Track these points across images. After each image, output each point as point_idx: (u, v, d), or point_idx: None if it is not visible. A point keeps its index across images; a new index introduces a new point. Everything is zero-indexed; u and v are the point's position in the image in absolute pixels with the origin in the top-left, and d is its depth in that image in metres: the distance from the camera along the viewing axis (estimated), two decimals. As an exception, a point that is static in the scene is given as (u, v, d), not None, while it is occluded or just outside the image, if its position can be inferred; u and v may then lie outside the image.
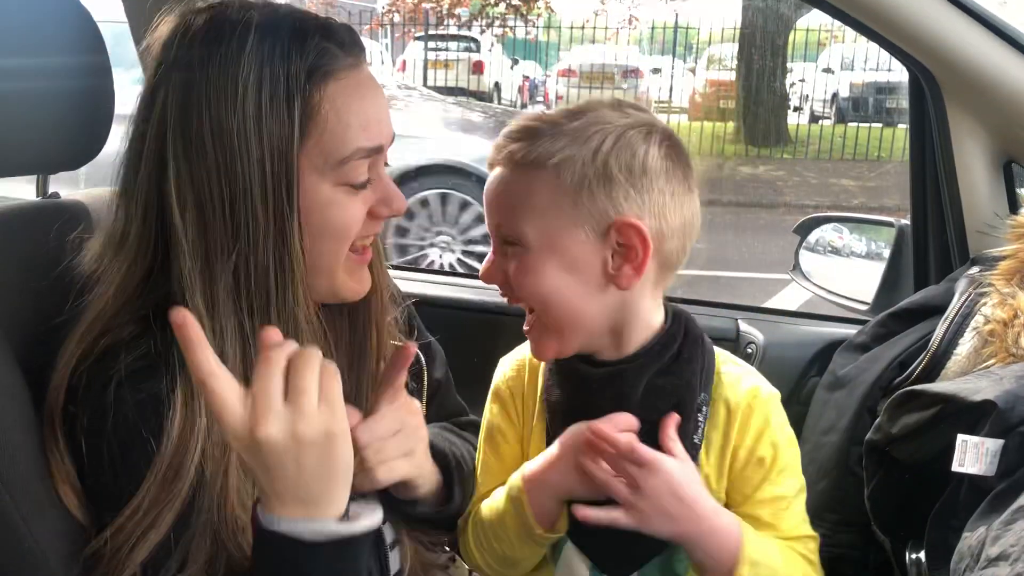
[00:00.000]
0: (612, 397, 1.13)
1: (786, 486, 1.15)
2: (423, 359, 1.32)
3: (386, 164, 1.10)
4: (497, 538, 1.18)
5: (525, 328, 1.15)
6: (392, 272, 1.33)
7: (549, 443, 1.16)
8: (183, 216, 0.96)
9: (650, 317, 1.14)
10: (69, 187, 1.35)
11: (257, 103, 0.95)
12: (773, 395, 1.16)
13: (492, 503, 1.20)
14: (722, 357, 1.19)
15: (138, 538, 0.92)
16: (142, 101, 1.01)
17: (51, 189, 1.35)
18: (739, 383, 1.16)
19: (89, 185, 1.35)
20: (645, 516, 1.06)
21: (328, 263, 1.05)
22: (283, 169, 0.97)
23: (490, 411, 1.26)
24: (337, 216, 1.02)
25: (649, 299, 1.13)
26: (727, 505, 1.14)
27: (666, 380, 1.13)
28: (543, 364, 1.21)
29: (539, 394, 1.21)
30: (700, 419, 1.13)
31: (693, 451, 1.12)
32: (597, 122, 1.07)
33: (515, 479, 1.16)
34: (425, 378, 1.31)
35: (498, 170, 1.10)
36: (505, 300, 1.15)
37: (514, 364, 1.26)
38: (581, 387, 1.16)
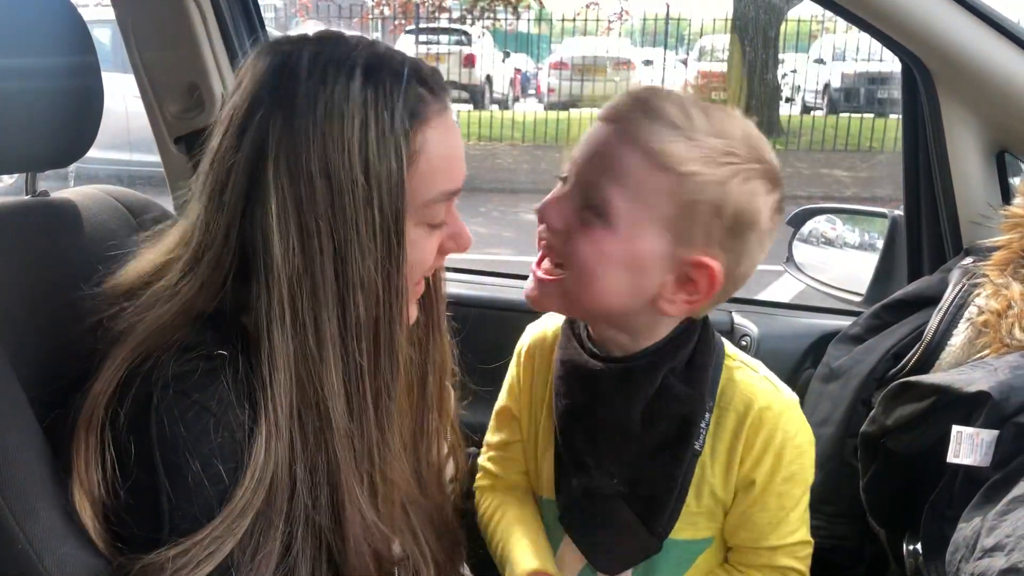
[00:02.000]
0: (622, 397, 1.11)
1: (788, 496, 1.14)
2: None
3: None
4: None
5: (540, 274, 1.11)
6: None
7: (557, 442, 1.18)
8: (285, 248, 0.96)
9: (670, 322, 1.13)
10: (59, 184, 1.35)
11: (363, 143, 0.95)
12: (788, 405, 1.15)
13: (497, 545, 1.24)
14: (737, 359, 1.18)
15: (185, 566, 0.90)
16: (237, 125, 0.98)
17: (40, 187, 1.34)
18: (755, 393, 1.14)
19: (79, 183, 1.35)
20: None
21: (406, 294, 1.06)
22: (393, 208, 0.97)
23: (509, 376, 1.31)
24: (415, 254, 1.03)
25: (676, 315, 1.12)
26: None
27: (680, 387, 1.11)
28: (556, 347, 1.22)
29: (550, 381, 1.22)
30: (703, 425, 1.12)
31: (693, 457, 1.12)
32: (734, 153, 1.04)
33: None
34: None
35: (626, 131, 1.04)
36: (539, 253, 1.12)
37: (535, 340, 1.28)
38: (588, 384, 1.14)
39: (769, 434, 1.12)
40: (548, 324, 1.28)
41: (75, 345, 1.03)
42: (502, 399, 1.30)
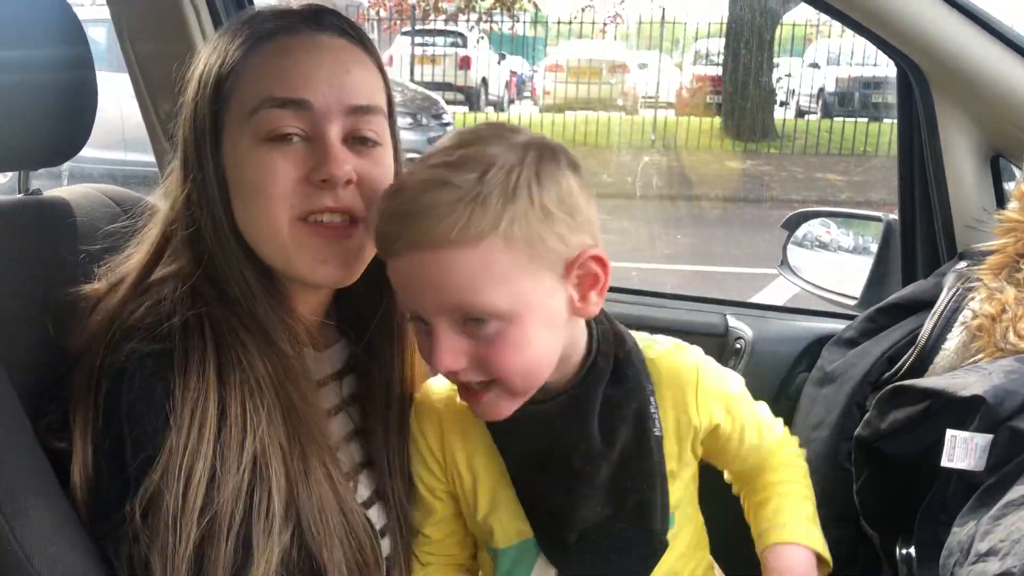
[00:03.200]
0: (576, 424, 1.08)
1: (749, 412, 1.20)
2: None
3: (369, 141, 1.07)
4: None
5: (472, 398, 1.05)
6: None
7: (517, 489, 1.13)
8: (180, 187, 1.08)
9: (581, 333, 1.11)
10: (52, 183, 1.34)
11: (205, 65, 1.07)
12: (694, 353, 1.18)
13: None
14: (642, 339, 1.17)
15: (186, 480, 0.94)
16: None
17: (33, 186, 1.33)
18: (675, 361, 1.15)
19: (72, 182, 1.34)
20: None
21: (265, 225, 1.04)
22: (203, 124, 1.05)
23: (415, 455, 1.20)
24: (253, 170, 1.03)
25: (594, 313, 1.07)
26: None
27: (622, 386, 1.10)
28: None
29: (483, 433, 1.14)
30: (653, 411, 1.11)
31: (657, 444, 1.11)
32: (505, 165, 0.97)
33: None
34: None
35: (425, 253, 0.96)
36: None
37: (428, 406, 1.19)
38: (540, 428, 1.09)
39: (706, 387, 1.14)
40: (434, 388, 1.20)
41: (67, 342, 1.03)
42: (417, 482, 1.19)
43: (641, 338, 1.17)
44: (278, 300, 1.07)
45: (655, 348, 1.16)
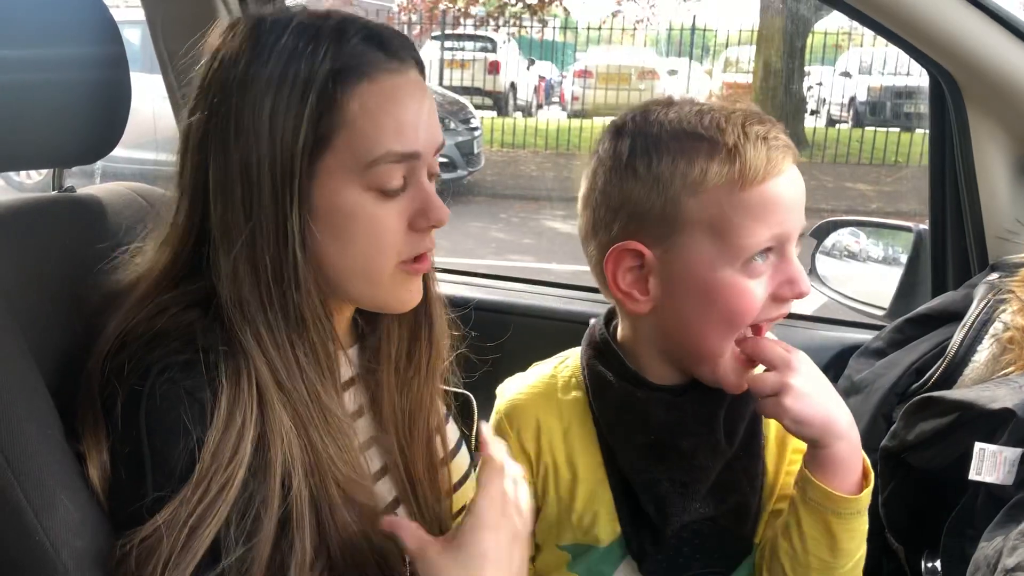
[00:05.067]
0: (705, 417, 1.08)
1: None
2: (474, 400, 1.31)
3: (436, 176, 1.08)
4: None
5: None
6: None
7: (626, 482, 1.11)
8: (214, 212, 0.99)
9: None
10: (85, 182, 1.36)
11: (272, 100, 0.96)
12: None
13: None
14: None
15: (170, 556, 0.90)
16: (193, 102, 1.03)
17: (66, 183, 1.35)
18: None
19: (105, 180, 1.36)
20: (805, 400, 0.99)
21: (363, 271, 1.03)
22: (289, 167, 0.97)
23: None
24: (364, 222, 1.01)
25: None
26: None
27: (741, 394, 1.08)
28: (580, 395, 1.15)
29: (583, 428, 1.14)
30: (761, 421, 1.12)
31: (760, 451, 1.11)
32: None
33: None
34: (475, 421, 1.31)
35: (794, 168, 1.04)
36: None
37: (526, 403, 1.18)
38: (672, 412, 1.08)
39: None
40: (524, 386, 1.20)
41: (96, 340, 1.04)
42: None
43: None
44: (332, 322, 1.07)
45: None
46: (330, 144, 0.98)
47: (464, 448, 1.32)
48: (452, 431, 1.29)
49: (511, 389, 1.21)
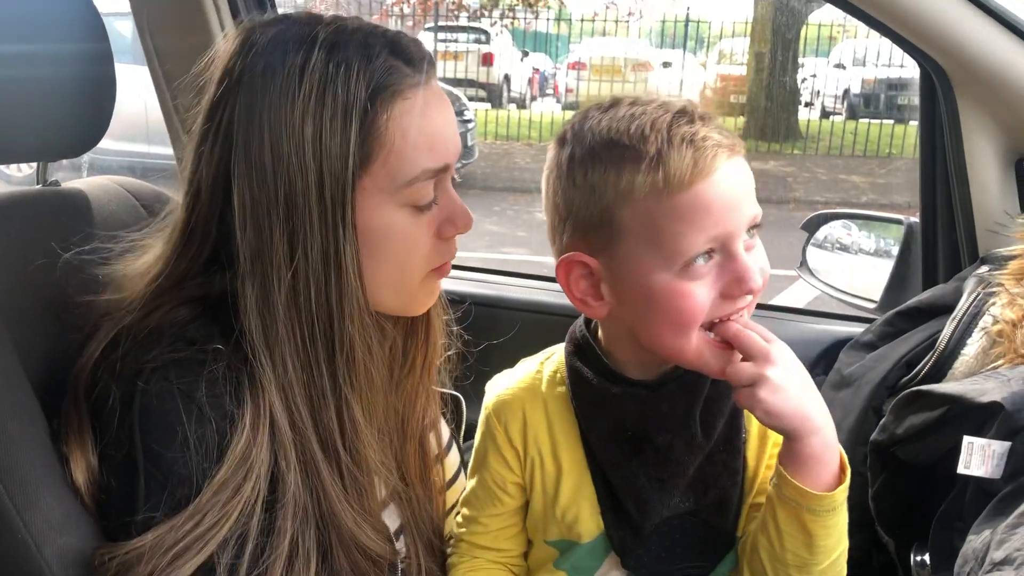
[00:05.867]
0: (683, 411, 1.08)
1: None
2: (463, 398, 1.31)
3: (454, 179, 1.08)
4: None
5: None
6: None
7: (604, 476, 1.11)
8: (243, 235, 0.96)
9: None
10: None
11: (316, 124, 0.94)
12: None
13: None
14: None
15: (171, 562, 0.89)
16: (207, 110, 0.99)
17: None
18: None
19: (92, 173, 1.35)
20: (781, 394, 0.97)
21: (396, 283, 1.04)
22: (339, 193, 0.95)
23: (489, 447, 1.18)
24: (399, 237, 1.01)
25: None
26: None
27: (719, 384, 1.08)
28: (564, 391, 1.15)
29: (567, 423, 1.14)
30: (742, 417, 1.12)
31: (742, 445, 1.11)
32: None
33: None
34: (464, 420, 1.30)
35: (738, 158, 1.00)
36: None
37: (510, 399, 1.18)
38: (645, 411, 1.09)
39: None
40: (511, 381, 1.20)
41: (82, 335, 1.04)
42: (486, 474, 1.19)
43: None
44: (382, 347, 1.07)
45: None
46: (368, 166, 0.97)
47: (455, 447, 1.32)
48: (444, 430, 1.29)
49: (499, 385, 1.21)
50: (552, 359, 1.20)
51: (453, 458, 1.30)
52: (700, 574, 1.13)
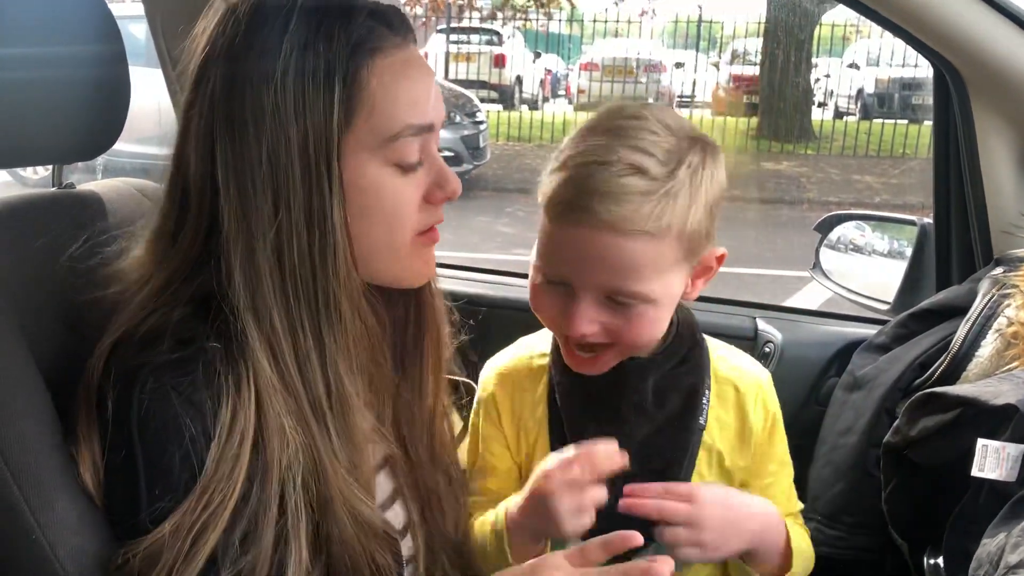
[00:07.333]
0: (636, 378, 1.15)
1: (788, 466, 1.24)
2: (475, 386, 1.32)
3: (439, 149, 1.09)
4: (483, 558, 1.18)
5: (587, 361, 1.13)
6: None
7: (555, 445, 1.17)
8: (227, 199, 0.97)
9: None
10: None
11: (299, 83, 0.95)
12: (770, 381, 1.24)
13: (480, 525, 1.20)
14: (712, 343, 1.24)
15: (174, 564, 0.89)
16: (190, 90, 1.01)
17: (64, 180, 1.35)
18: (742, 366, 1.23)
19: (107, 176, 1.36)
20: (714, 545, 1.07)
21: (386, 246, 1.04)
22: (323, 148, 0.96)
23: (484, 428, 1.26)
24: (387, 198, 1.01)
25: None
26: (743, 482, 1.20)
27: (680, 368, 1.17)
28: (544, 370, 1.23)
29: (540, 399, 1.22)
30: (704, 402, 1.17)
31: (698, 433, 1.17)
32: (692, 163, 1.05)
33: (501, 511, 1.16)
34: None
35: (608, 236, 1.03)
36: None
37: (503, 372, 1.27)
38: (608, 377, 1.15)
39: (769, 407, 1.21)
40: (502, 359, 1.29)
41: (95, 337, 1.04)
42: (486, 456, 1.26)
43: (717, 345, 1.25)
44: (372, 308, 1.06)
45: (725, 350, 1.25)
46: (352, 123, 0.98)
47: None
48: (456, 420, 1.30)
49: (494, 364, 1.29)
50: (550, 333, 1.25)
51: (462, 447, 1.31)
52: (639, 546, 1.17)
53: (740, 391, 1.20)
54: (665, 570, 0.92)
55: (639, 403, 1.15)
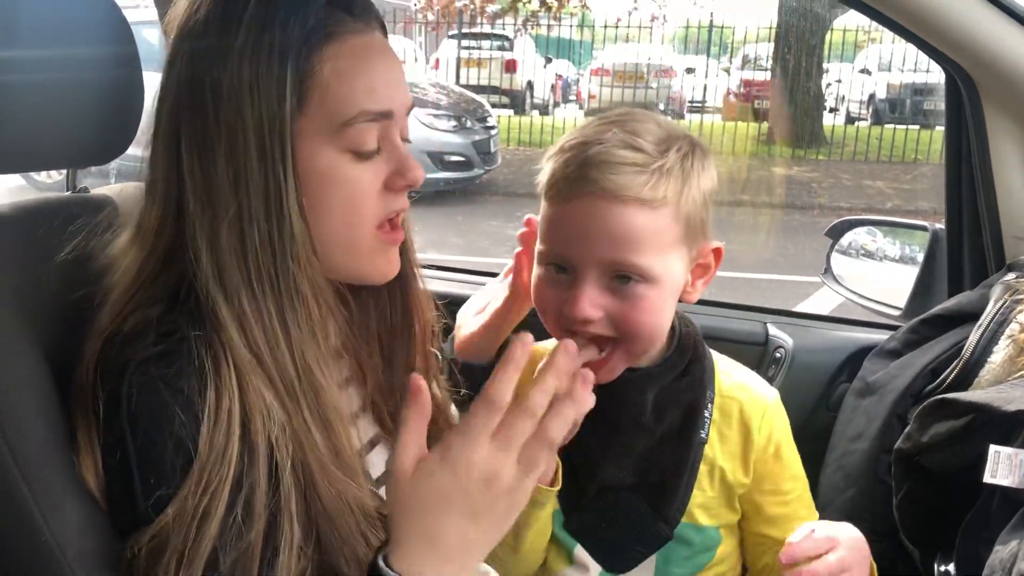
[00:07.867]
0: (636, 390, 1.15)
1: (802, 476, 1.23)
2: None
3: (406, 139, 1.08)
4: None
5: (596, 358, 1.10)
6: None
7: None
8: (191, 180, 0.98)
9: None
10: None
11: (253, 68, 0.96)
12: (778, 399, 1.23)
13: None
14: (718, 357, 1.24)
15: (183, 550, 0.90)
16: (165, 71, 1.02)
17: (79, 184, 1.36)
18: (748, 384, 1.22)
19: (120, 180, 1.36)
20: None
21: (345, 235, 1.04)
22: (277, 131, 0.97)
23: None
24: (343, 184, 1.01)
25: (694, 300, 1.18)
26: (750, 496, 1.20)
27: (681, 381, 1.17)
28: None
29: None
30: (707, 416, 1.17)
31: (699, 445, 1.16)
32: (681, 148, 1.09)
33: None
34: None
35: (609, 203, 1.05)
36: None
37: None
38: (606, 386, 1.13)
39: (775, 426, 1.20)
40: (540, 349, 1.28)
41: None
42: None
43: (723, 359, 1.25)
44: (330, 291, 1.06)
45: (731, 365, 1.24)
46: (304, 108, 0.99)
47: (453, 406, 1.32)
48: (453, 410, 1.30)
49: (539, 352, 1.27)
50: None
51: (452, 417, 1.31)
52: (638, 559, 1.18)
53: (745, 409, 1.19)
54: None
55: (637, 417, 1.16)
